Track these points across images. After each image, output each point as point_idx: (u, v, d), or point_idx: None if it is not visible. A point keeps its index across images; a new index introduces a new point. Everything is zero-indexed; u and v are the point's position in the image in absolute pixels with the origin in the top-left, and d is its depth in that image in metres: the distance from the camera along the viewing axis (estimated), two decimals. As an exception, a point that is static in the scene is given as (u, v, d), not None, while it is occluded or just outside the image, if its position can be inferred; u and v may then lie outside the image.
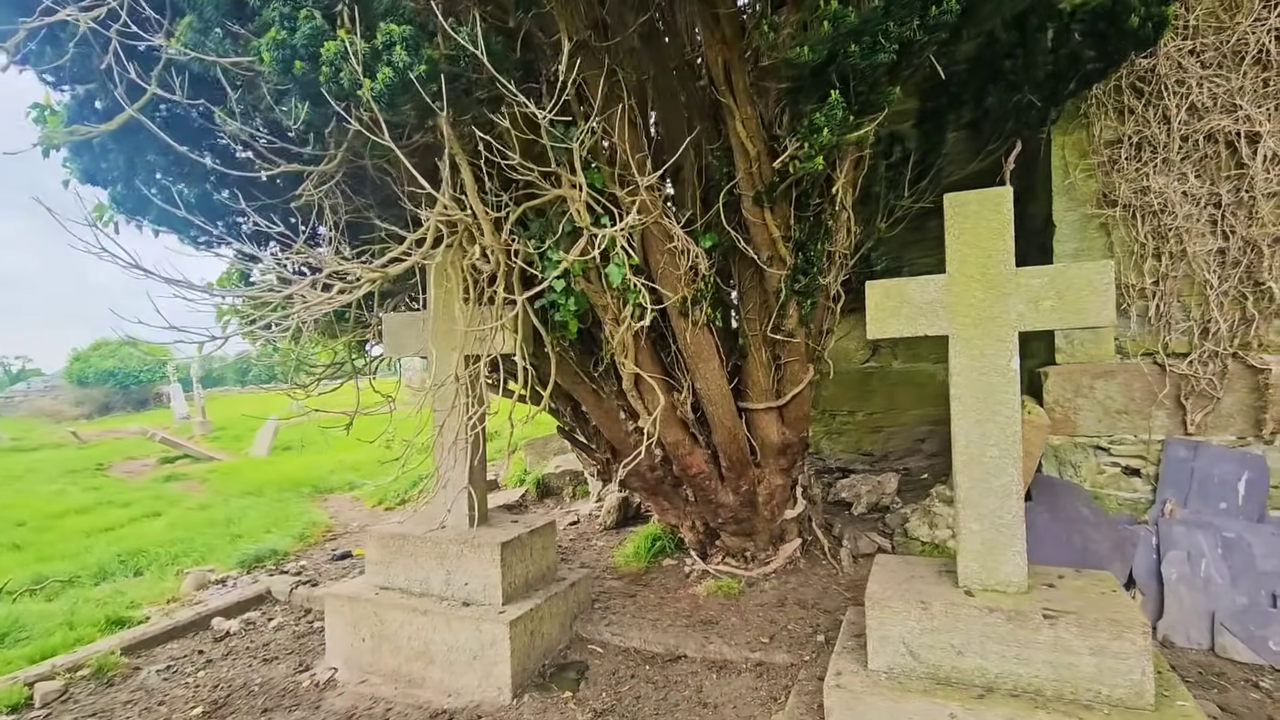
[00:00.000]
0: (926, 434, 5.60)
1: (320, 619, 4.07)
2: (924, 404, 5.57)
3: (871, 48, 2.02)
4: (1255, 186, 3.34)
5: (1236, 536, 3.24)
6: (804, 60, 2.04)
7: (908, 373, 5.58)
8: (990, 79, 3.27)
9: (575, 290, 2.67)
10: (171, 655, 3.65)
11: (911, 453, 5.61)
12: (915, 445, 5.61)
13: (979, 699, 2.21)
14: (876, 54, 2.02)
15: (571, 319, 2.72)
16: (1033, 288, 2.33)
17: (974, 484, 2.42)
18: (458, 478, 3.40)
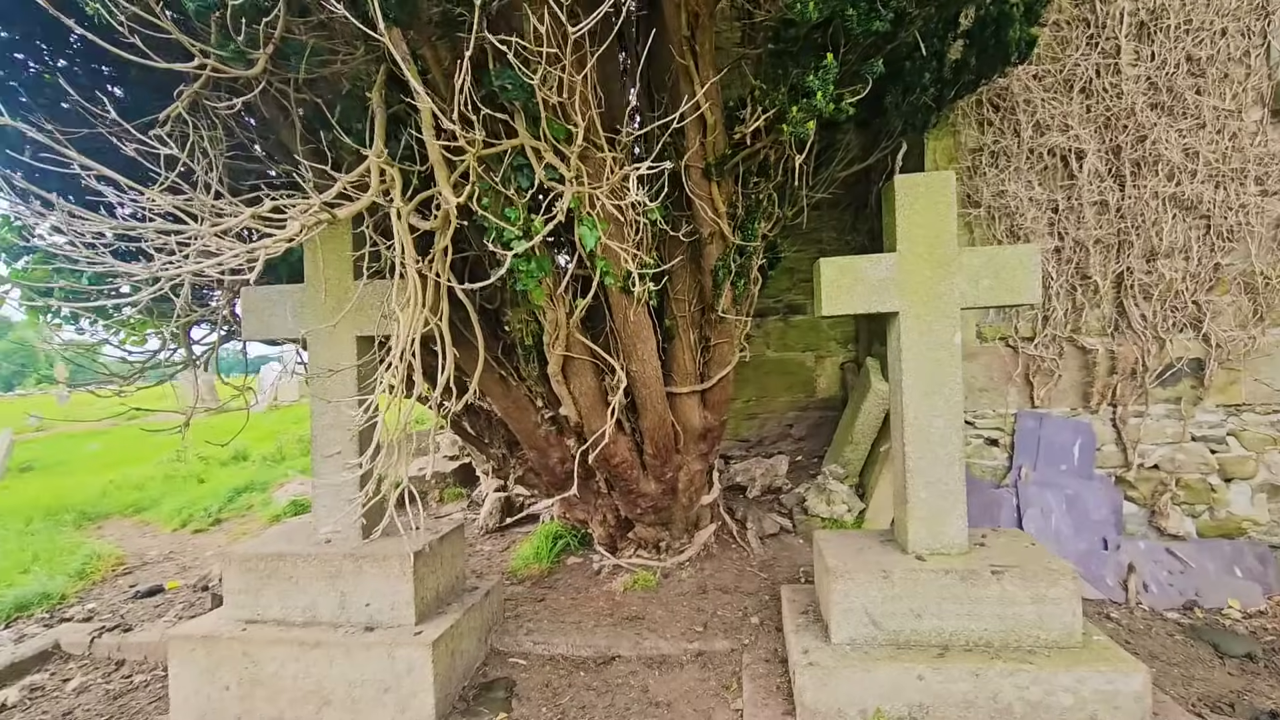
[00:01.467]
0: (795, 419, 5.93)
1: (141, 671, 3.26)
2: (794, 391, 5.89)
3: (868, 14, 2.01)
4: (1082, 195, 3.94)
5: (1075, 493, 3.80)
6: (806, 17, 1.97)
7: (780, 361, 5.85)
8: (890, 80, 3.48)
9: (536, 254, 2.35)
10: (-85, 749, 2.65)
11: (783, 438, 5.90)
12: (786, 431, 5.91)
13: (939, 657, 2.31)
14: (873, 21, 2.02)
15: (535, 287, 2.39)
16: (974, 267, 2.48)
17: (921, 453, 2.53)
18: (348, 482, 2.87)
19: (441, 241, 2.04)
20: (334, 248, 2.83)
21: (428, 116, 1.87)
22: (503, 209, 2.19)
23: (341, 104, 2.44)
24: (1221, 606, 3.42)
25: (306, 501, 5.97)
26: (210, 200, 1.88)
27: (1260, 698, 2.58)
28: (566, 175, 2.00)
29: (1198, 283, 3.86)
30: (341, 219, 1.86)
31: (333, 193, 1.86)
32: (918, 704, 2.25)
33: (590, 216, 2.18)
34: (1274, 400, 3.76)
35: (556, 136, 2.06)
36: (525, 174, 2.17)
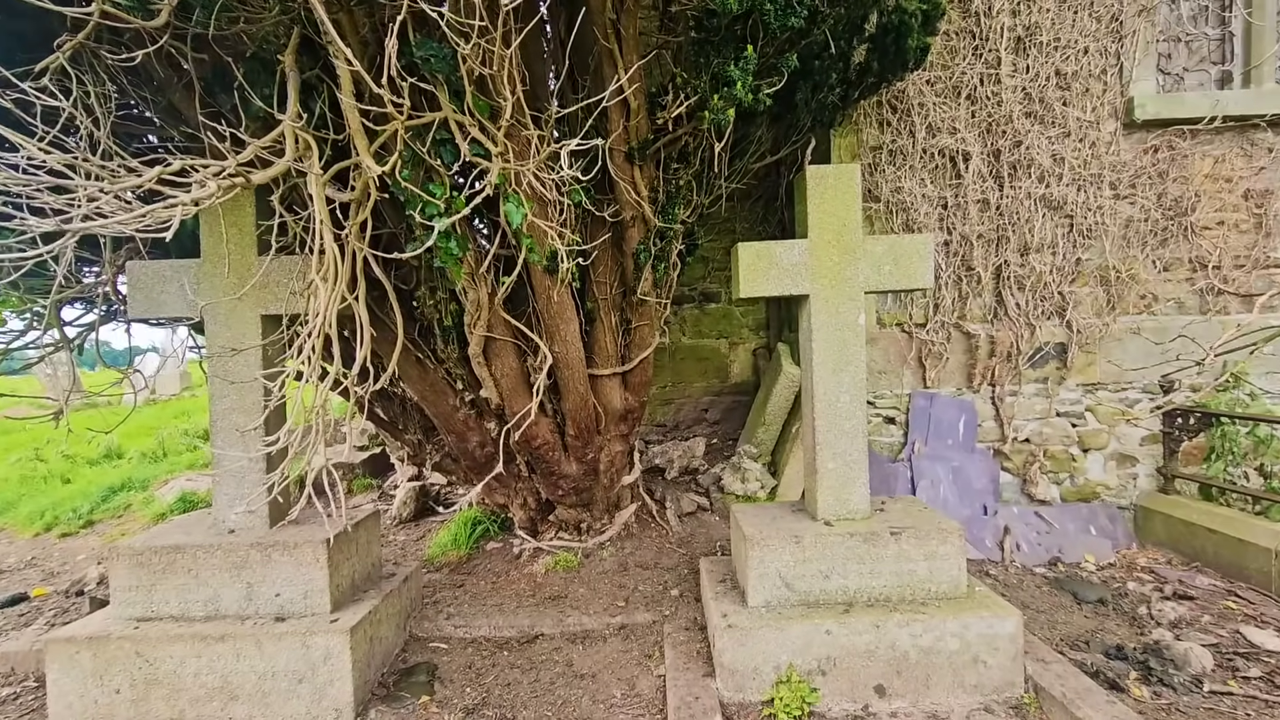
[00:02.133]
0: (709, 404, 6.12)
1: (8, 684, 2.97)
2: (708, 377, 6.08)
3: (785, 9, 2.11)
4: (967, 194, 4.31)
5: (960, 465, 4.17)
6: (728, 8, 2.05)
7: (696, 348, 6.02)
8: (801, 77, 3.66)
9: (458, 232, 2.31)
10: None
11: (698, 421, 6.08)
12: (701, 415, 6.10)
13: (845, 613, 2.49)
14: (789, 16, 2.13)
15: (456, 265, 2.34)
16: (876, 253, 2.68)
17: (829, 426, 2.71)
18: (252, 469, 2.73)
19: (360, 215, 1.98)
20: (236, 220, 2.67)
21: (348, 83, 1.80)
22: (424, 183, 2.14)
23: (245, 66, 2.30)
24: (1079, 561, 3.87)
25: (197, 497, 5.57)
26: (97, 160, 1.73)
27: (1109, 635, 2.96)
28: (493, 151, 1.99)
29: (1062, 275, 4.31)
30: (255, 183, 1.76)
31: (247, 155, 1.75)
32: (826, 657, 2.43)
33: (516, 194, 2.17)
34: (1123, 379, 4.27)
35: (481, 112, 2.05)
36: (449, 149, 2.14)
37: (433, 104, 2.10)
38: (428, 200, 2.07)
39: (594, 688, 2.61)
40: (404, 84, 1.75)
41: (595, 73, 2.63)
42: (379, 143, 1.92)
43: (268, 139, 1.85)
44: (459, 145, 2.02)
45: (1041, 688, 2.37)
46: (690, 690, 2.42)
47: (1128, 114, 4.25)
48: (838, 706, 2.42)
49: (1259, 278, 4.28)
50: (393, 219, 2.83)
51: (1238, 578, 3.43)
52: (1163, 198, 4.28)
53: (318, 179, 1.86)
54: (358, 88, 1.94)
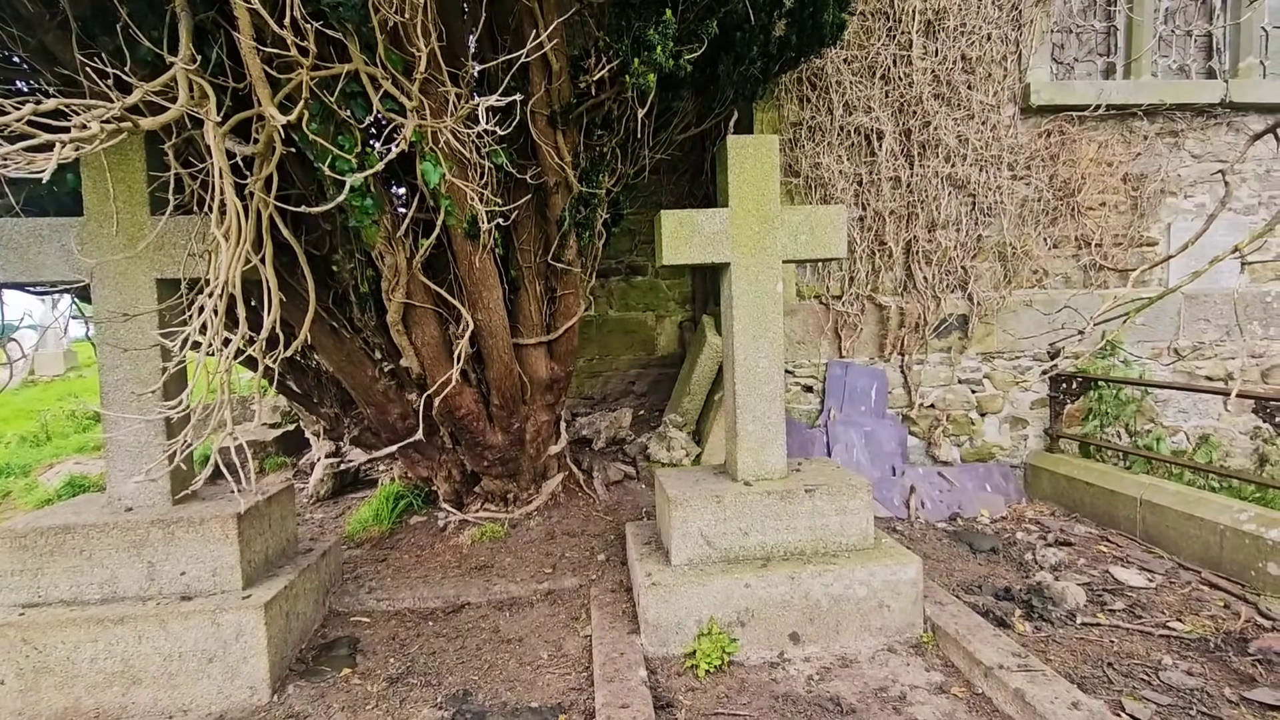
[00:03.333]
0: (636, 376, 6.19)
1: None
2: (634, 350, 6.13)
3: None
4: (881, 171, 4.50)
5: (872, 430, 4.40)
6: (647, -31, 2.04)
7: (622, 320, 6.05)
8: (723, 48, 3.70)
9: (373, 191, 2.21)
10: None
11: (625, 394, 6.13)
12: (628, 387, 6.16)
13: (763, 567, 2.62)
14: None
15: (371, 226, 2.25)
16: (794, 223, 2.77)
17: (749, 390, 2.80)
18: (149, 440, 2.57)
19: (265, 169, 1.87)
20: (124, 175, 2.47)
21: (246, 24, 1.68)
22: (335, 137, 2.04)
23: (130, 6, 2.12)
24: (976, 515, 4.19)
25: (87, 481, 5.17)
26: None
27: (999, 579, 3.23)
28: (408, 106, 1.92)
29: (965, 251, 4.59)
30: (144, 129, 1.62)
31: (135, 98, 1.61)
32: (745, 609, 2.54)
33: (434, 152, 2.11)
34: (1016, 348, 4.61)
35: (394, 65, 1.96)
36: (360, 102, 2.05)
37: (343, 55, 2.00)
38: (338, 155, 1.98)
39: (521, 651, 2.63)
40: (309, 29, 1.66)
41: (516, 31, 2.57)
42: (283, 93, 1.81)
43: (157, 83, 1.70)
44: (371, 99, 1.94)
45: (939, 627, 2.57)
46: (615, 647, 2.49)
47: (1025, 99, 4.53)
48: (755, 655, 2.55)
49: (1134, 254, 4.70)
50: (301, 179, 2.69)
51: (1110, 525, 3.81)
52: (1054, 179, 4.61)
53: (216, 129, 1.74)
54: (259, 34, 1.82)
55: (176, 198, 2.26)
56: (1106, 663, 2.47)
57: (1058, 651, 2.56)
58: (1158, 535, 3.50)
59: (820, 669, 2.47)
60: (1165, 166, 4.67)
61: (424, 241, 2.50)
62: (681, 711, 2.22)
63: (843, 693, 2.32)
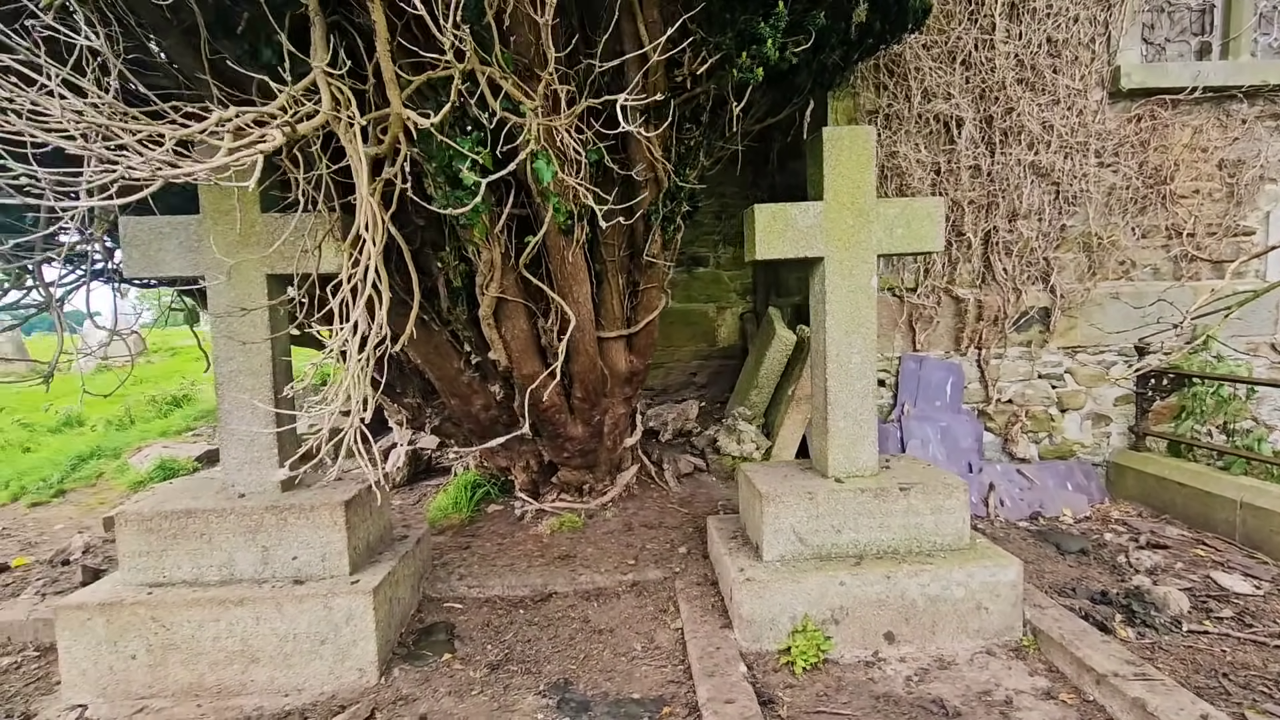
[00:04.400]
0: (697, 368, 6.18)
1: (7, 653, 2.90)
2: (696, 341, 6.12)
3: (817, -37, 2.09)
4: (960, 160, 4.37)
5: (947, 425, 4.31)
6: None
7: (685, 312, 6.04)
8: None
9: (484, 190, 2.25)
10: None
11: (686, 385, 6.14)
12: (689, 379, 6.16)
13: (857, 565, 2.60)
14: (821, -29, 2.10)
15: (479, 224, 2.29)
16: (889, 216, 2.72)
17: (841, 387, 2.77)
18: (262, 432, 2.67)
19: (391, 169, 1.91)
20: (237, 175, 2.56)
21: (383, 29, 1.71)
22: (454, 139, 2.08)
23: (250, 11, 2.18)
24: (1058, 515, 4.07)
25: (177, 464, 5.43)
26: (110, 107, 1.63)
27: (1093, 582, 3.14)
28: (529, 106, 1.94)
29: (1048, 241, 4.43)
30: (300, 134, 1.68)
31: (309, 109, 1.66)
32: (839, 607, 2.53)
33: (546, 150, 2.13)
34: (1102, 342, 4.45)
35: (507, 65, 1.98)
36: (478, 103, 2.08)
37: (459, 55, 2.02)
38: (472, 155, 2.01)
39: (614, 642, 2.67)
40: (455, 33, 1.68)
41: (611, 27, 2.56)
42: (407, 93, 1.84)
43: (299, 87, 1.76)
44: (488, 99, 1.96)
45: (1040, 630, 2.52)
46: (710, 641, 2.50)
47: (1114, 83, 4.34)
48: (850, 653, 2.53)
49: (1229, 245, 4.47)
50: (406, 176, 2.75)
51: (1205, 528, 3.66)
52: (1144, 166, 4.41)
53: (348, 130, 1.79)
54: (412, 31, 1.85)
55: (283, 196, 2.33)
56: (1221, 673, 2.38)
57: (1167, 660, 2.48)
58: (1261, 540, 3.35)
59: (918, 670, 2.45)
60: (1265, 152, 4.42)
61: (529, 238, 2.53)
62: (783, 708, 2.22)
63: (945, 695, 2.29)
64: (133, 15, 2.21)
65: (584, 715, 2.22)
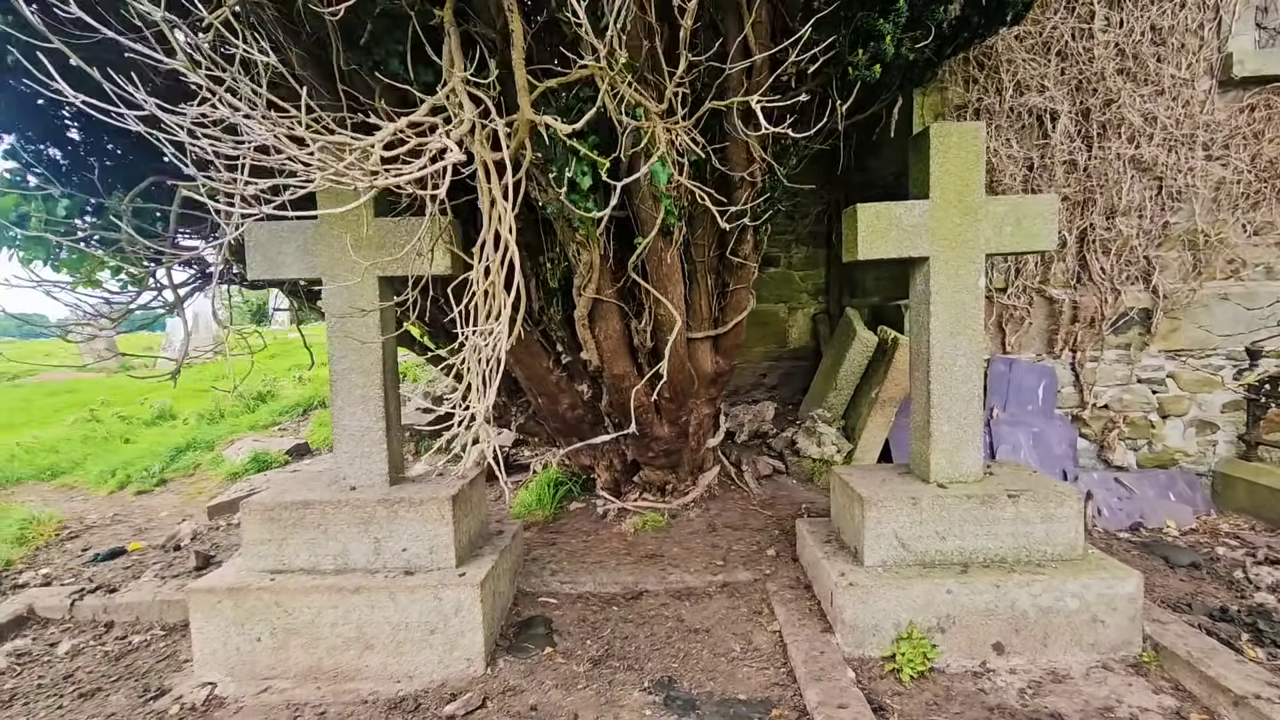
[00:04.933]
0: (767, 369, 6.13)
1: (136, 631, 3.10)
2: (767, 342, 6.07)
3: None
4: (1054, 155, 4.21)
5: (1040, 430, 4.16)
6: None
7: (755, 313, 5.94)
8: (895, 31, 3.56)
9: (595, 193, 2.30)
10: (-98, 721, 2.43)
11: (756, 386, 6.09)
12: (759, 380, 6.11)
13: (963, 573, 2.53)
14: (945, -34, 2.06)
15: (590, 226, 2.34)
16: (998, 214, 2.64)
17: (945, 390, 2.71)
18: (372, 428, 2.78)
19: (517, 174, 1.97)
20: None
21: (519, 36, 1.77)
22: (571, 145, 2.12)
23: (374, 23, 2.27)
24: (1161, 526, 3.88)
25: (267, 457, 5.70)
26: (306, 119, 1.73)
27: (1209, 598, 2.98)
28: (652, 109, 1.96)
29: (1149, 239, 4.23)
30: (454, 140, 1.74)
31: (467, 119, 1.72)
32: (945, 615, 2.47)
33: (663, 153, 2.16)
34: (1208, 346, 4.22)
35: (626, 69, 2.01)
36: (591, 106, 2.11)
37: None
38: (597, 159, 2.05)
39: (711, 641, 2.68)
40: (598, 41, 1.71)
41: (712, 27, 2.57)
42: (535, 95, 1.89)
43: (439, 96, 1.83)
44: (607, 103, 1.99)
45: (1162, 646, 2.41)
46: (812, 645, 2.48)
47: (1224, 71, 4.10)
48: (956, 662, 2.47)
49: (1353, 242, 4.17)
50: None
51: (1330, 544, 3.43)
52: (1257, 159, 4.16)
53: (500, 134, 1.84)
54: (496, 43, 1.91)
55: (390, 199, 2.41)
56: (1370, 700, 2.23)
57: (1305, 683, 2.33)
58: (1399, 559, 3.12)
59: (1030, 683, 2.37)
60: (1397, 141, 4.11)
61: (639, 240, 2.56)
62: (894, 716, 2.19)
63: (1063, 709, 2.21)
64: (263, 29, 2.33)
65: (691, 714, 2.23)
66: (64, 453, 7.54)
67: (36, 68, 1.66)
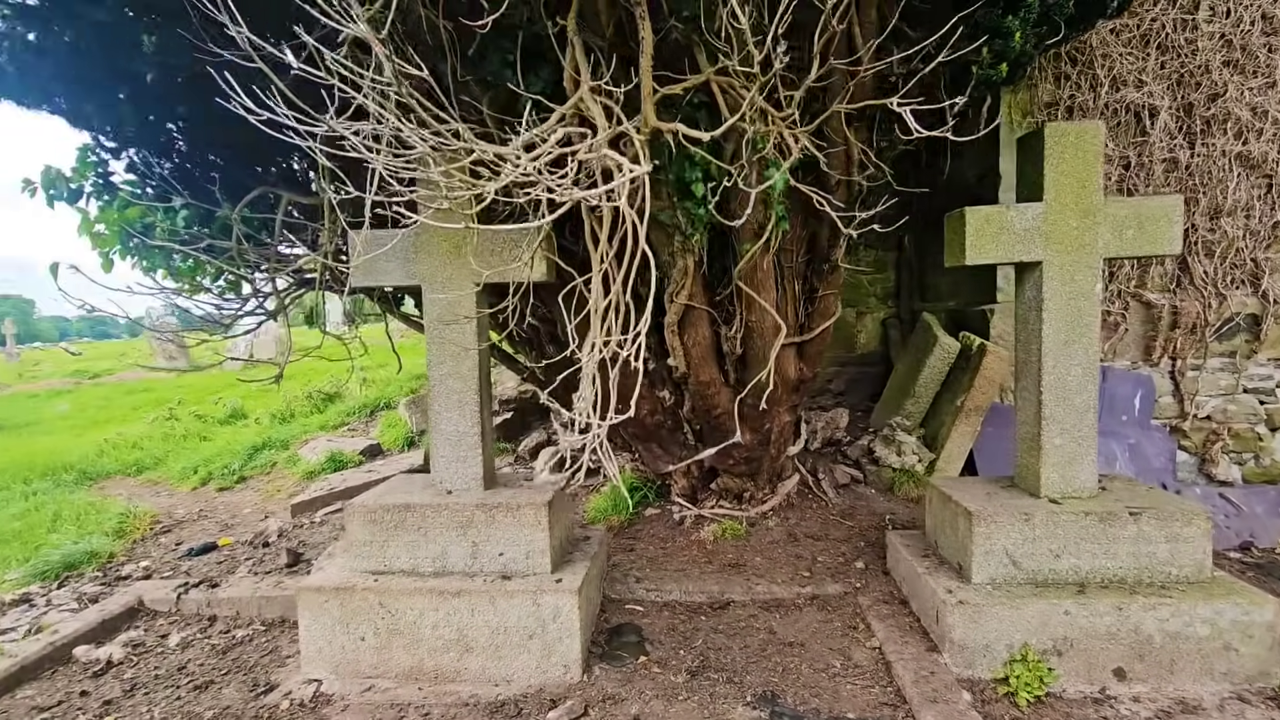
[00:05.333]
0: (834, 375, 6.01)
1: (238, 626, 3.20)
2: (834, 347, 5.94)
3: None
4: (1153, 152, 4.01)
5: (1136, 442, 3.97)
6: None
7: (823, 316, 5.88)
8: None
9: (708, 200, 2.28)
10: (37, 705, 2.56)
11: (822, 393, 5.98)
12: (825, 386, 6.00)
13: (1080, 594, 2.42)
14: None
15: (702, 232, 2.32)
16: (1119, 217, 2.52)
17: (1058, 401, 2.60)
18: (468, 432, 2.81)
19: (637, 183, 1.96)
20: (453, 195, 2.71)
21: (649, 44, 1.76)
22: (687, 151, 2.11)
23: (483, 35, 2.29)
24: (1274, 546, 3.65)
25: (343, 456, 5.84)
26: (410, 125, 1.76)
27: (1343, 626, 2.78)
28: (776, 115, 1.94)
29: (1257, 241, 3.99)
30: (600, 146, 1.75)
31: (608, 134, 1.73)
32: (1062, 637, 2.36)
33: (778, 158, 2.12)
34: (1326, 354, 3.96)
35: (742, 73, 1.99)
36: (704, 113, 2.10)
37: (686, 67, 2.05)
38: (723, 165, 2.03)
39: (808, 656, 2.62)
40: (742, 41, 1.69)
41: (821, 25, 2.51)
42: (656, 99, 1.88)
43: (568, 105, 1.84)
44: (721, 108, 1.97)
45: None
46: (920, 665, 2.41)
47: (1345, 61, 3.85)
48: (1074, 687, 2.36)
49: None
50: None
51: None
52: (1380, 154, 3.89)
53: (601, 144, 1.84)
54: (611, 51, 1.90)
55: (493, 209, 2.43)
56: None
57: None
58: None
59: (1158, 712, 2.24)
60: None
61: (747, 246, 2.53)
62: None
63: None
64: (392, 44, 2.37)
65: (800, 731, 2.19)
66: (146, 449, 7.91)
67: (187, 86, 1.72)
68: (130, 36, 2.17)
